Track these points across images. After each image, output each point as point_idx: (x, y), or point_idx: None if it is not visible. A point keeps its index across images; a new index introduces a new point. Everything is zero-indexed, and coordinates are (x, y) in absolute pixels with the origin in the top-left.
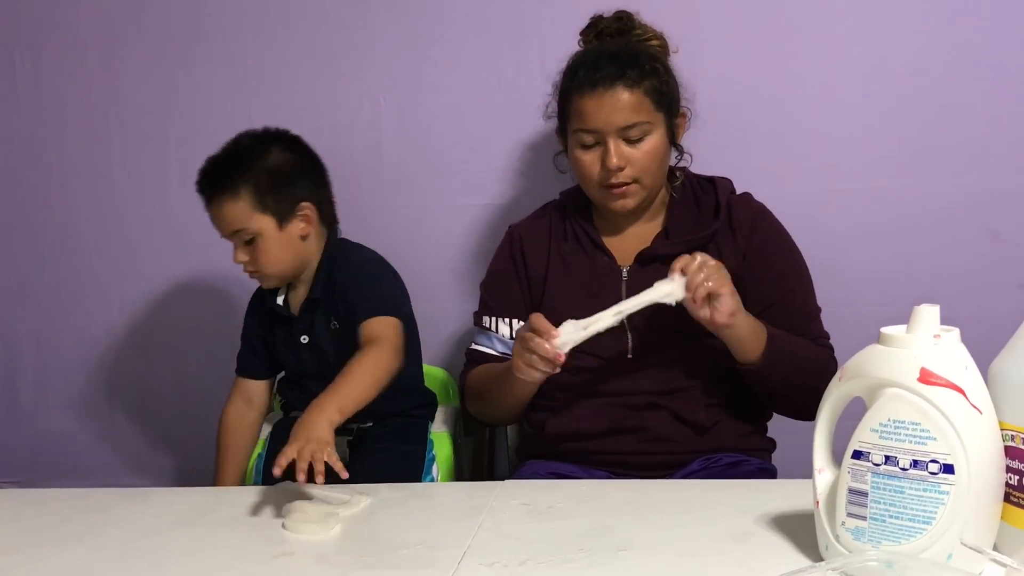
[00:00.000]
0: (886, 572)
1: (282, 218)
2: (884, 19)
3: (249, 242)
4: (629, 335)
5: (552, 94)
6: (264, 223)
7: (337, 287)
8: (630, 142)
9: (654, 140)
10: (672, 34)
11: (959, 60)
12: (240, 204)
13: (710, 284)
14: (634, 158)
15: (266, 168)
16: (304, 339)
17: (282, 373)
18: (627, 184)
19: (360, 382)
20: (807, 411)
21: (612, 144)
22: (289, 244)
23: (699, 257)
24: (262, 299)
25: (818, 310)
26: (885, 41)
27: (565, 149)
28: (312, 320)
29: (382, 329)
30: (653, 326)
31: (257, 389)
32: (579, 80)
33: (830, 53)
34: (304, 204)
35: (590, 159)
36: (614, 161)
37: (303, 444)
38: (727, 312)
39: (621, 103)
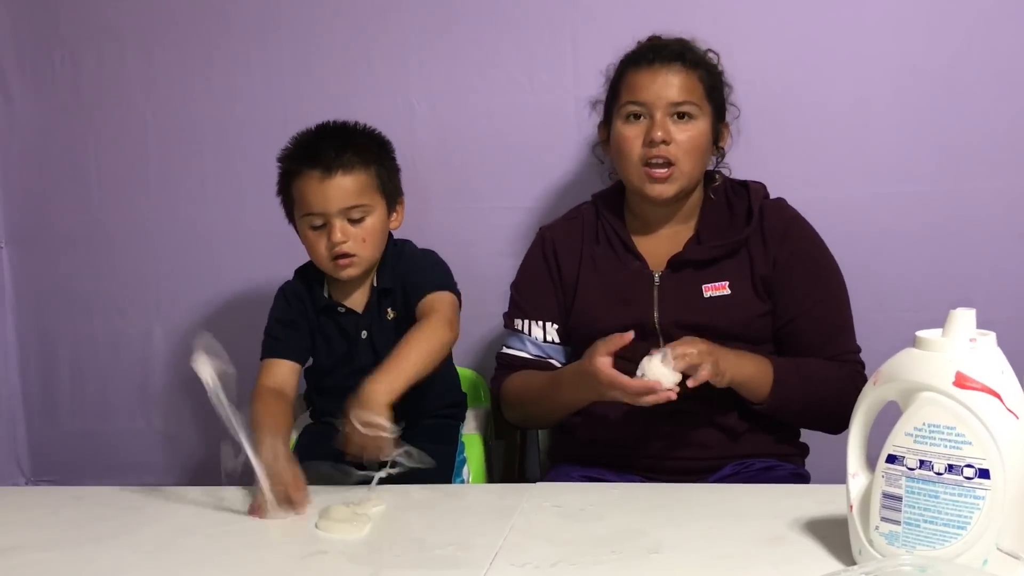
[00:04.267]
0: None
1: (390, 205)
2: (919, 22)
3: (355, 222)
4: (661, 340)
5: (603, 84)
6: (380, 204)
7: (397, 275)
8: (677, 121)
9: (700, 127)
10: (705, 38)
11: (995, 63)
12: (369, 179)
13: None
14: (678, 138)
15: (383, 155)
16: (364, 334)
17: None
18: (667, 165)
19: (416, 353)
20: (834, 429)
21: (660, 117)
22: (385, 233)
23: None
24: (300, 297)
25: (849, 323)
26: (920, 44)
27: (607, 139)
28: (372, 316)
29: (438, 302)
30: (683, 333)
31: (291, 374)
32: (637, 57)
33: (864, 56)
34: (401, 199)
35: (634, 133)
36: (659, 134)
37: (358, 426)
38: (718, 384)
39: (675, 80)
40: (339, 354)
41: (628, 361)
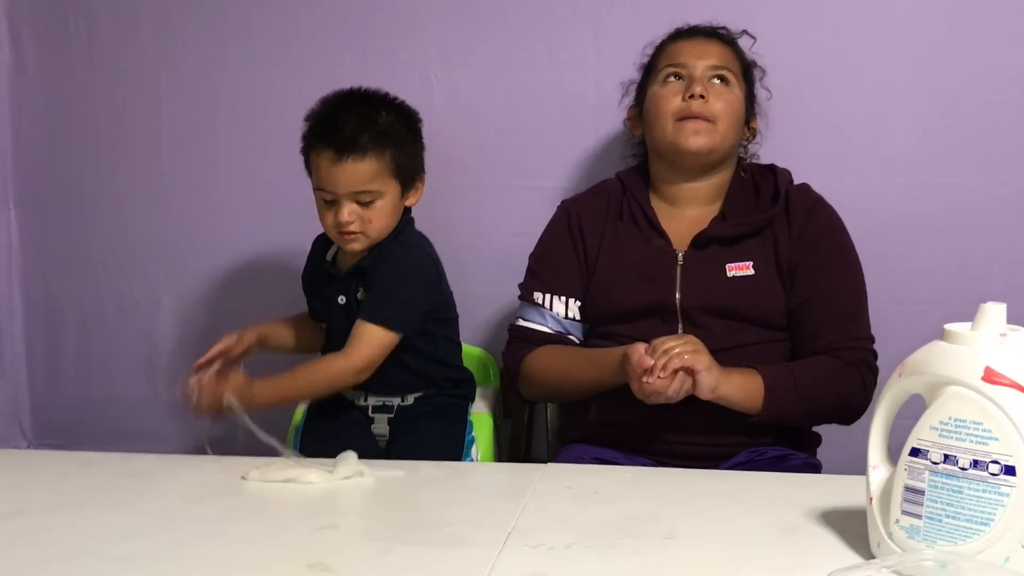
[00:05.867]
0: (940, 572)
1: (406, 187)
2: (946, 12)
3: (364, 204)
4: (680, 323)
5: (638, 68)
6: (392, 188)
7: (379, 260)
8: (715, 84)
9: (736, 94)
10: (729, 25)
11: (1020, 54)
12: (382, 165)
13: (686, 359)
14: (715, 99)
15: (405, 136)
16: (341, 299)
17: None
18: (704, 118)
19: (307, 382)
20: (844, 422)
21: (699, 74)
22: (399, 212)
23: (675, 339)
24: (313, 254)
25: (864, 309)
26: (946, 34)
27: (639, 115)
28: (350, 285)
29: (366, 337)
30: (705, 315)
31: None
32: (676, 33)
33: (890, 45)
34: (421, 176)
35: (672, 91)
36: (698, 88)
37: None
38: (707, 389)
39: (714, 49)
40: (326, 313)
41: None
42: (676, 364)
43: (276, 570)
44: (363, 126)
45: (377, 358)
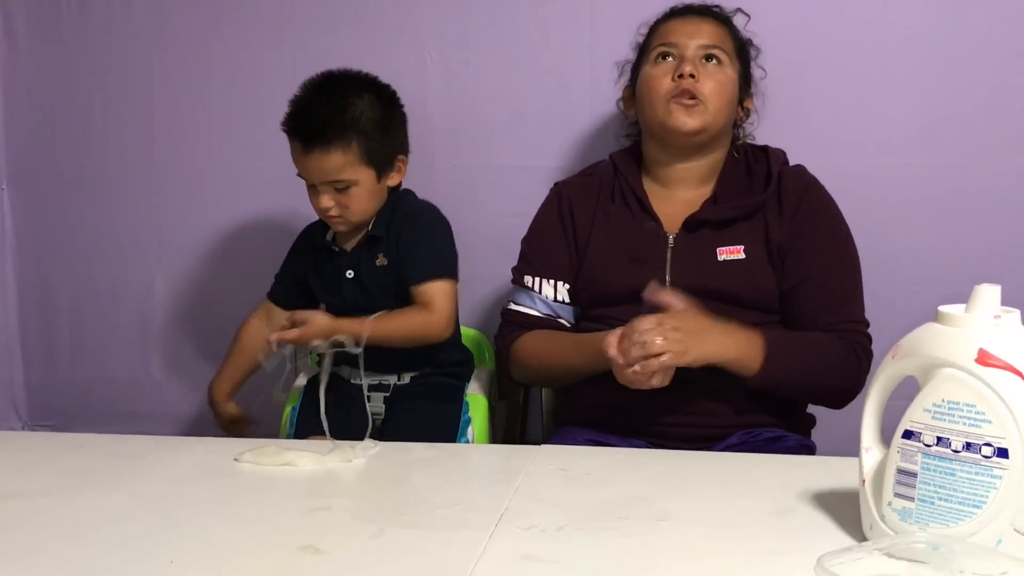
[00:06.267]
0: (932, 555)
1: (382, 171)
2: None
3: (340, 190)
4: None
5: (633, 47)
6: (365, 175)
7: (393, 226)
8: (706, 64)
9: (728, 73)
10: (724, 3)
11: (1017, 36)
12: (349, 156)
13: (660, 360)
14: (706, 79)
15: (375, 121)
16: (350, 274)
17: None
18: (694, 98)
19: (395, 328)
20: (833, 404)
21: (690, 54)
22: (379, 194)
23: (650, 323)
24: (309, 239)
25: (858, 292)
26: (943, 15)
27: (631, 95)
28: (360, 257)
29: (435, 297)
30: (693, 299)
31: (279, 315)
32: (669, 13)
33: (886, 25)
34: (400, 157)
35: (663, 71)
36: (688, 67)
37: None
38: (694, 365)
39: (707, 28)
40: (329, 293)
41: None
42: (654, 366)
43: (267, 552)
44: (328, 117)
45: (452, 310)
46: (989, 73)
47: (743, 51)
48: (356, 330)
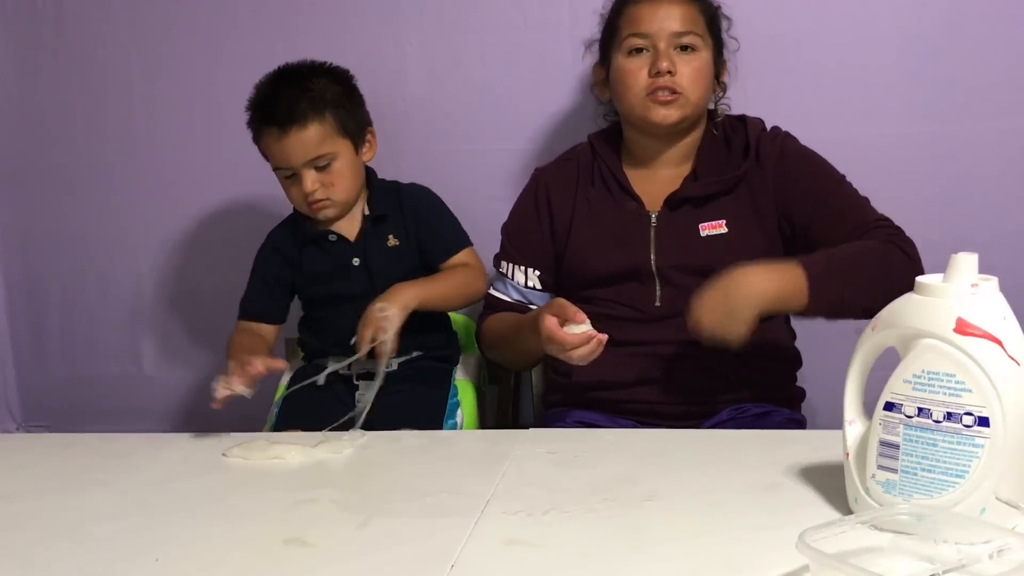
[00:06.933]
0: (916, 525)
1: (357, 142)
2: None
3: (322, 169)
4: (657, 284)
5: (598, 24)
6: (344, 147)
7: (406, 202)
8: (681, 53)
9: (703, 58)
10: None
11: (1000, 1)
12: (325, 128)
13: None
14: (683, 69)
15: (340, 94)
16: (356, 261)
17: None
18: (672, 92)
19: (449, 283)
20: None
21: (664, 48)
22: (359, 169)
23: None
24: (287, 239)
25: (863, 199)
26: None
27: (605, 79)
28: (367, 242)
29: (470, 259)
30: (681, 275)
31: (268, 334)
32: None
33: None
34: (370, 129)
35: (637, 65)
36: (664, 64)
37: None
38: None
39: (676, 12)
40: (331, 285)
41: (628, 307)
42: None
43: (254, 547)
44: (297, 95)
45: (483, 268)
46: (971, 40)
47: (714, 24)
48: (420, 296)
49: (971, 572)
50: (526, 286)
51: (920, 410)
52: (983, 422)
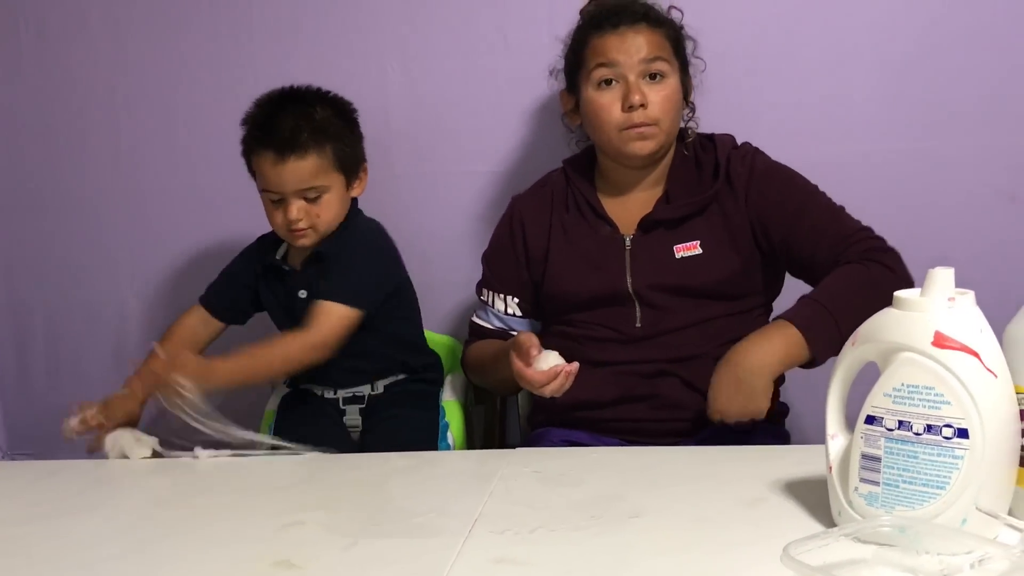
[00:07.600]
0: (899, 537)
1: (350, 178)
2: None
3: (311, 200)
4: (637, 305)
5: (561, 53)
6: (337, 181)
7: (342, 244)
8: (651, 82)
9: (672, 84)
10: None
11: (976, 20)
12: (323, 161)
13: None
14: (654, 99)
15: (342, 127)
16: (303, 294)
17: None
18: (648, 124)
19: (264, 363)
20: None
21: (633, 80)
22: (346, 203)
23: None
24: (260, 252)
25: (842, 212)
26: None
27: (574, 107)
28: (310, 275)
29: (325, 315)
30: (659, 294)
31: (213, 329)
32: (599, 21)
33: (842, 10)
34: (364, 165)
35: (609, 99)
36: (636, 97)
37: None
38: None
39: (643, 40)
40: (285, 312)
41: (609, 328)
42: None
43: (243, 570)
44: (301, 124)
45: (337, 334)
46: (946, 58)
47: (680, 46)
48: (203, 375)
49: None
50: (506, 313)
51: (900, 423)
52: (962, 434)
